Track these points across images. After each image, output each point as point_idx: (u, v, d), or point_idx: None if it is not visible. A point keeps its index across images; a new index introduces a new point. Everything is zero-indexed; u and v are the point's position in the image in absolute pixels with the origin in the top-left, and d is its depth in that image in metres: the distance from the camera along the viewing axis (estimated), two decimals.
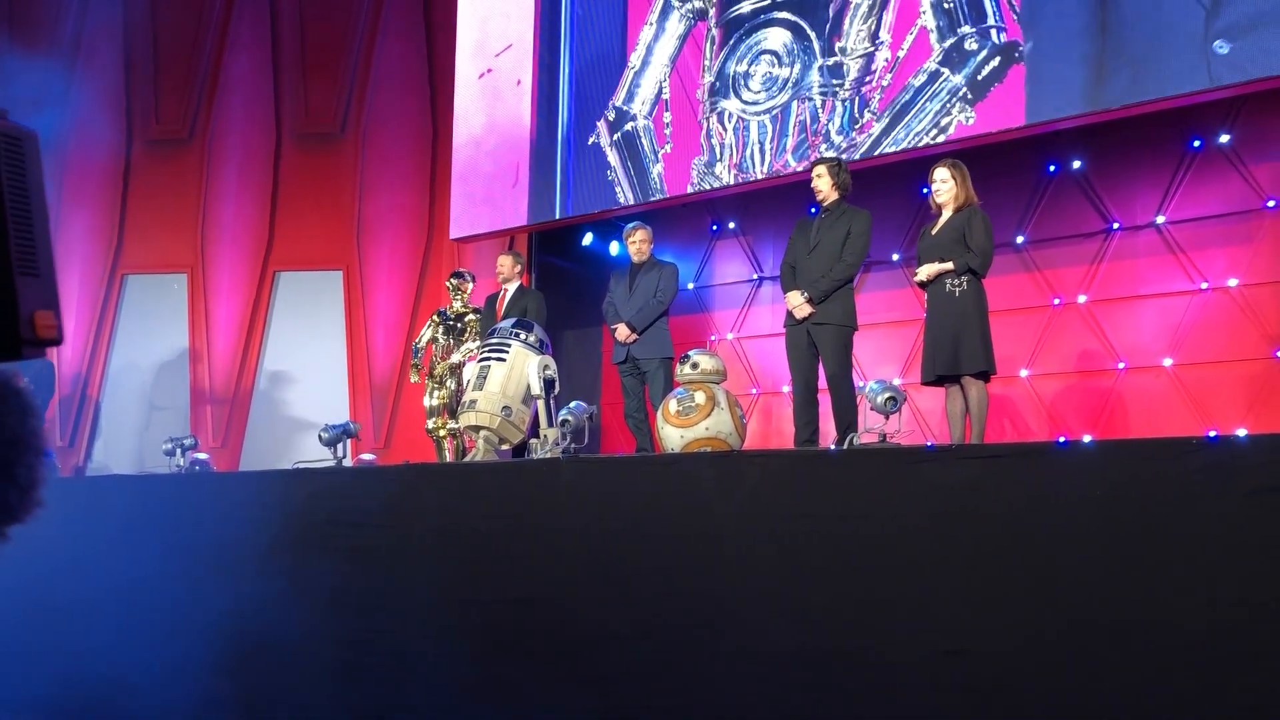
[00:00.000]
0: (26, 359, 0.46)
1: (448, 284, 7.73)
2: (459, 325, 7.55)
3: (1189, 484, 2.90)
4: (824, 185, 5.61)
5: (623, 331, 6.30)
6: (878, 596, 3.27)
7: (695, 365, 5.46)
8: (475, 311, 7.53)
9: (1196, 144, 6.33)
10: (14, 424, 0.48)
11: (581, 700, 3.76)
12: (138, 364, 9.87)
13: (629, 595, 3.78)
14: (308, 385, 9.66)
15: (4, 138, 0.46)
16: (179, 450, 6.66)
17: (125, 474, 8.08)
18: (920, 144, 6.34)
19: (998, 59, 6.11)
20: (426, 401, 7.53)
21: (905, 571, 3.25)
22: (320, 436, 5.90)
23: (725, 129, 7.27)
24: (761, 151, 7.07)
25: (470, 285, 7.74)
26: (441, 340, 7.55)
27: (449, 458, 7.26)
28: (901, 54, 6.48)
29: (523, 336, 5.75)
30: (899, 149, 6.44)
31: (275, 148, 10.00)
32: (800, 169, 6.65)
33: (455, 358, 7.45)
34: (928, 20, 6.41)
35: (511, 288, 7.13)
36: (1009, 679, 3.02)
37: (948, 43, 6.31)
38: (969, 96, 6.18)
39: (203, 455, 6.97)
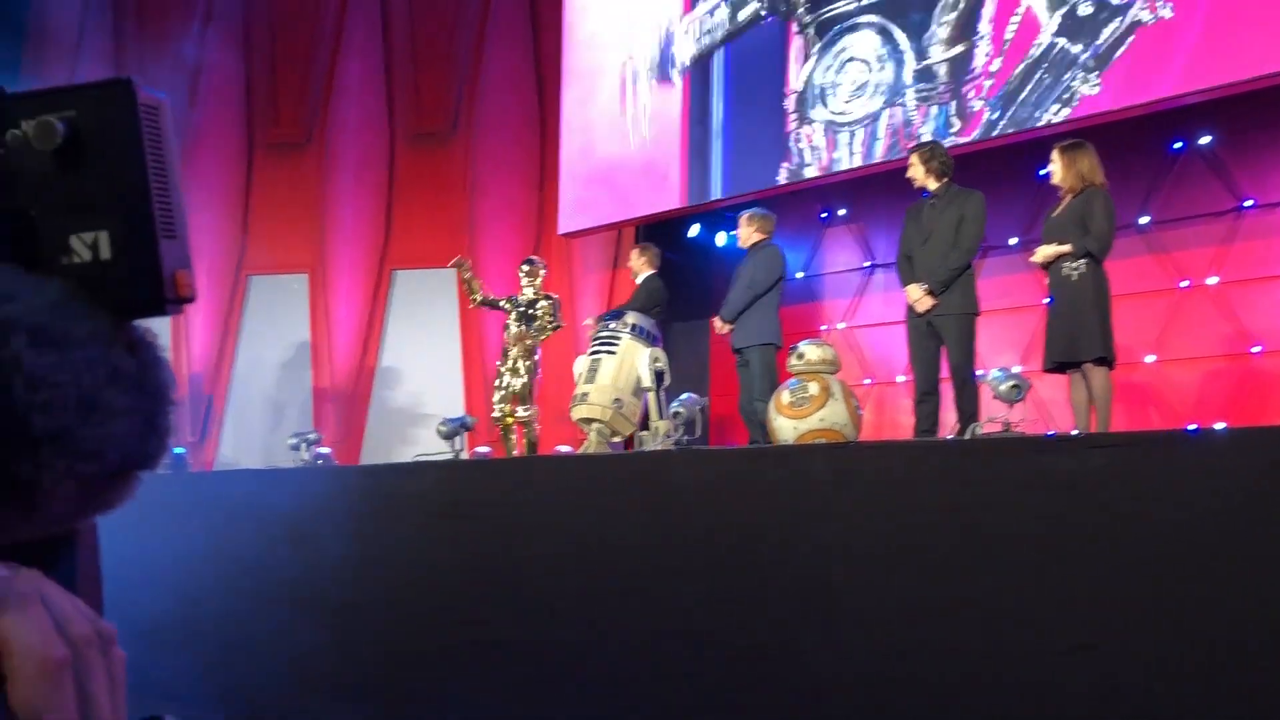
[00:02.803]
0: (169, 315, 0.50)
1: (520, 271, 7.55)
2: (531, 312, 7.41)
3: None
4: (917, 174, 5.49)
5: (716, 324, 6.30)
6: (1002, 590, 3.20)
7: (801, 356, 5.40)
8: (546, 298, 7.42)
9: None
10: (154, 374, 0.51)
11: (688, 696, 3.76)
12: (262, 362, 10.21)
13: (742, 588, 3.76)
14: (424, 380, 9.87)
15: (145, 107, 0.49)
16: (303, 445, 6.89)
17: (254, 468, 8.38)
18: (1040, 123, 6.15)
19: (1118, 20, 5.77)
20: (495, 390, 7.35)
21: (1031, 564, 3.17)
22: (439, 430, 6.04)
23: (814, 131, 7.17)
24: (850, 155, 6.97)
25: (542, 273, 7.51)
26: (514, 327, 7.42)
27: (517, 448, 7.18)
28: (1007, 40, 6.22)
29: (619, 328, 5.76)
30: (1015, 130, 6.26)
31: (389, 148, 10.23)
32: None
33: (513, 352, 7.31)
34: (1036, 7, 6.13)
35: (640, 279, 7.15)
36: (1139, 675, 2.93)
37: (1059, 12, 6.03)
38: (1090, 65, 5.86)
39: (325, 449, 7.20)
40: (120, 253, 0.50)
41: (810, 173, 7.15)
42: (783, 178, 7.33)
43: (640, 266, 7.17)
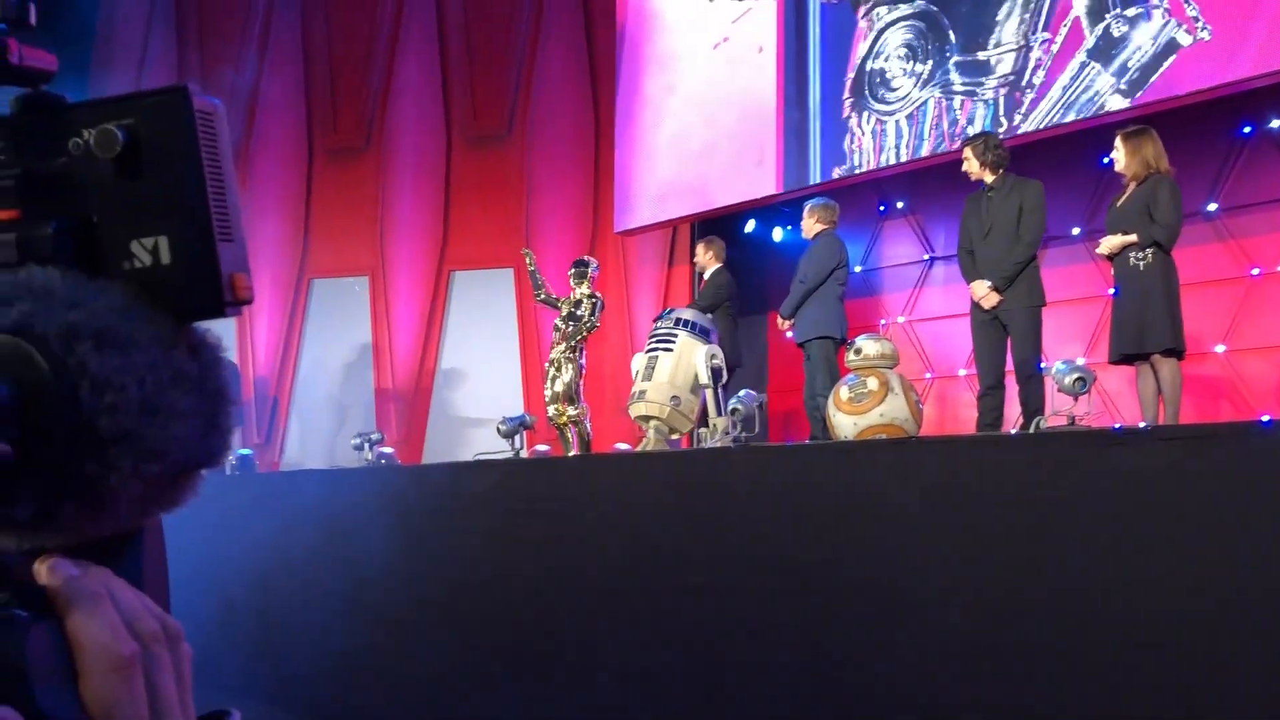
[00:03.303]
0: (228, 316, 0.52)
1: (569, 273, 7.44)
2: (578, 312, 7.38)
3: None
4: (973, 168, 5.43)
5: (778, 321, 6.29)
6: (1066, 587, 3.14)
7: (859, 351, 5.35)
8: (590, 297, 7.38)
9: None
10: (215, 376, 0.53)
11: (748, 691, 3.75)
12: (325, 364, 10.37)
13: (802, 586, 3.74)
14: (484, 380, 9.95)
15: (200, 113, 0.50)
16: (367, 445, 6.97)
17: (318, 468, 8.51)
18: (1091, 113, 6.07)
19: (1153, 44, 5.71)
20: (546, 389, 7.28)
21: (1096, 560, 3.11)
22: (499, 429, 6.08)
23: (863, 132, 7.11)
24: (898, 156, 6.97)
25: (590, 273, 7.36)
26: (562, 326, 7.40)
27: (574, 447, 7.13)
28: (1055, 48, 6.19)
29: (673, 325, 5.75)
30: (1070, 119, 6.17)
31: (446, 151, 10.33)
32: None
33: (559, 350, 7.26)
34: (1079, 7, 6.07)
35: (708, 274, 7.15)
36: (1205, 673, 2.86)
37: (1096, 29, 5.95)
38: (1122, 88, 5.84)
39: (388, 449, 7.28)
40: (180, 257, 0.52)
41: (866, 164, 7.12)
42: (842, 170, 7.29)
43: (707, 261, 7.16)
